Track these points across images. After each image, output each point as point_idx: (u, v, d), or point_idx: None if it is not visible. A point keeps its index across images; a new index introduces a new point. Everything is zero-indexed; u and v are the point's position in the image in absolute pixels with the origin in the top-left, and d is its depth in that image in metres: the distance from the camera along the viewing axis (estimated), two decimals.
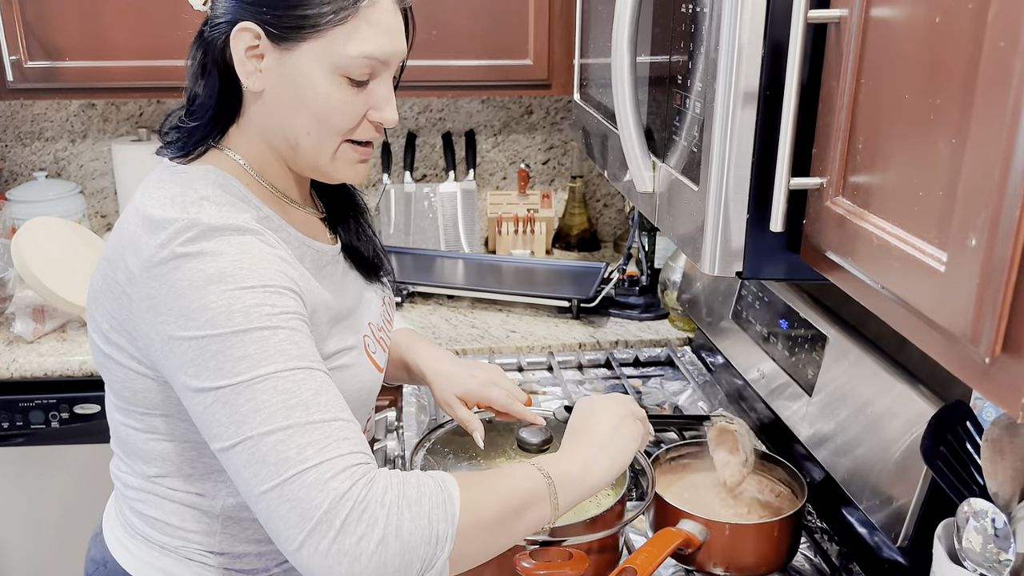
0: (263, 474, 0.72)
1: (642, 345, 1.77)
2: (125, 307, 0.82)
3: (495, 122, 2.31)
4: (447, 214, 2.25)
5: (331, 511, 0.70)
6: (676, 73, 0.94)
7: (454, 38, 1.88)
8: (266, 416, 0.73)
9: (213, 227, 0.79)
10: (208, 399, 0.75)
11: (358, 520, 0.70)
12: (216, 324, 0.75)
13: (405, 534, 0.71)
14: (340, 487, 0.71)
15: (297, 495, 0.71)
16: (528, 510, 0.81)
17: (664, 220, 1.00)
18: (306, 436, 0.73)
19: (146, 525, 0.96)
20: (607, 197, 2.40)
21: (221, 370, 0.75)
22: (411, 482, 0.75)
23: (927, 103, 0.59)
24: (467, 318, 1.89)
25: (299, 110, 0.84)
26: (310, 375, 0.76)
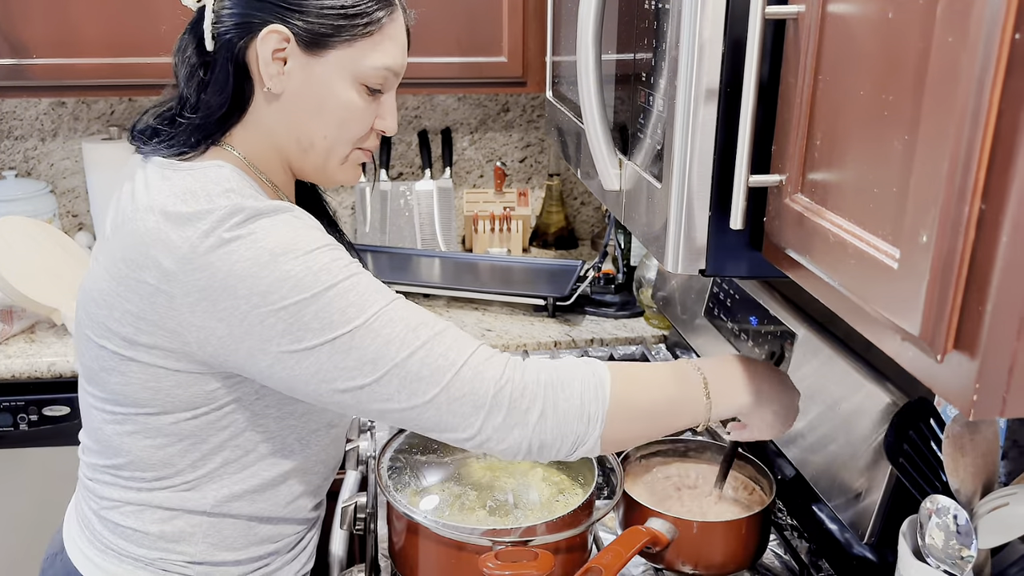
0: (423, 388, 0.79)
1: (617, 343, 1.77)
2: (163, 305, 0.81)
3: (472, 120, 2.30)
4: (423, 212, 2.24)
5: (498, 393, 0.80)
6: (641, 70, 0.93)
7: (428, 35, 1.86)
8: (399, 344, 0.79)
9: (258, 210, 0.80)
10: (323, 353, 0.79)
11: (520, 396, 0.80)
12: (303, 288, 0.78)
13: (561, 410, 0.80)
14: (495, 372, 0.80)
15: (464, 390, 0.79)
16: (678, 411, 0.86)
17: (631, 218, 0.99)
18: (443, 344, 0.80)
19: (120, 538, 0.94)
20: (584, 195, 2.40)
21: (330, 324, 0.78)
22: (563, 367, 0.82)
23: (881, 99, 0.59)
24: (443, 316, 1.87)
25: (320, 114, 0.87)
26: (404, 302, 0.83)
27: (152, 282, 0.81)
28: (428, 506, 1.03)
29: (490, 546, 0.94)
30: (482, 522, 1.01)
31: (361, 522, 1.26)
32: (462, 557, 0.97)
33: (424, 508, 1.02)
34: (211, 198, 0.81)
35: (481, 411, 0.80)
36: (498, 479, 1.10)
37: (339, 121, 0.88)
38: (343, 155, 0.91)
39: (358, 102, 0.88)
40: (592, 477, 1.05)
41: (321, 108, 0.87)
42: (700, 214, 0.81)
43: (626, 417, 0.83)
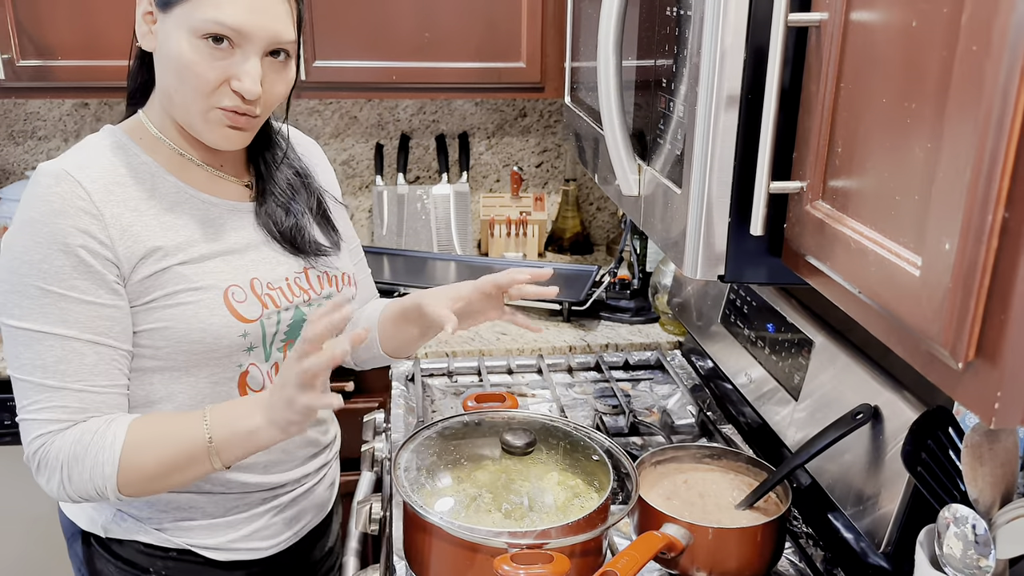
0: (16, 403, 0.95)
1: (632, 348, 1.77)
2: None
3: (489, 124, 2.31)
4: (440, 216, 2.25)
5: (30, 457, 0.95)
6: (661, 76, 0.94)
7: (448, 40, 1.88)
8: (19, 364, 0.93)
9: (43, 172, 0.93)
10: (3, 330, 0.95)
11: (44, 467, 0.94)
12: (11, 268, 0.92)
13: (75, 481, 0.94)
14: (34, 444, 0.94)
15: (22, 430, 0.95)
16: (188, 467, 0.95)
17: (649, 223, 1.00)
18: (36, 395, 0.93)
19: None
20: (600, 201, 2.40)
21: (3, 307, 0.93)
22: (83, 443, 0.93)
23: (903, 107, 0.59)
24: None
25: (167, 68, 0.95)
26: (60, 343, 0.92)
27: None
28: (443, 507, 1.04)
29: (505, 548, 0.94)
30: (497, 524, 1.01)
31: (376, 523, 1.26)
32: (477, 559, 0.97)
33: (439, 509, 1.03)
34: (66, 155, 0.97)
35: (27, 454, 0.96)
36: (513, 482, 1.10)
37: (177, 72, 0.94)
38: (200, 111, 0.95)
39: (191, 55, 0.93)
40: (608, 481, 1.05)
41: (168, 61, 0.95)
42: (720, 220, 0.81)
43: (138, 478, 0.94)
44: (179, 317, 0.97)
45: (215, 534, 1.09)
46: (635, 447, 1.41)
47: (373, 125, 2.27)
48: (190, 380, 1.02)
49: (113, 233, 0.93)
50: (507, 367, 1.69)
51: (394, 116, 2.27)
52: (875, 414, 1.02)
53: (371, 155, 2.30)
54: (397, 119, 2.28)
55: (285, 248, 1.08)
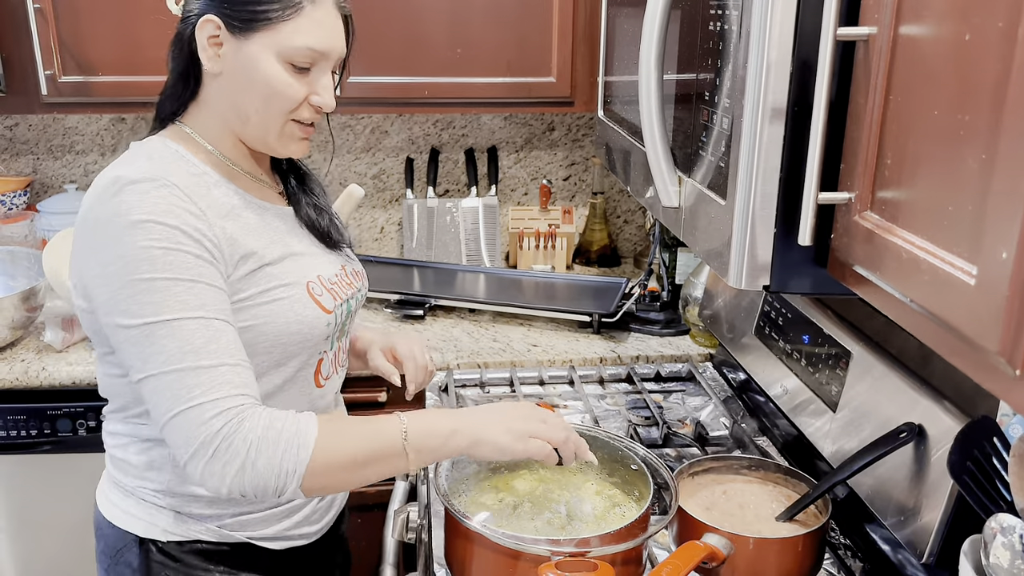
0: (162, 405, 0.91)
1: (663, 360, 1.77)
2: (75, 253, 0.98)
3: (517, 138, 2.33)
4: (469, 229, 2.27)
5: (206, 442, 0.90)
6: (703, 89, 0.95)
7: (478, 56, 1.90)
8: (165, 358, 0.90)
9: (132, 180, 0.93)
10: (119, 335, 0.93)
11: (224, 451, 0.90)
12: (128, 269, 0.90)
13: (260, 467, 0.91)
14: (214, 425, 0.90)
15: (184, 425, 0.90)
16: (379, 461, 0.95)
17: (689, 234, 1.01)
18: (195, 378, 0.90)
19: (116, 469, 1.10)
20: (627, 213, 2.42)
21: (128, 311, 0.91)
22: (275, 426, 0.92)
23: (956, 119, 0.60)
24: (488, 331, 1.90)
25: (249, 90, 0.99)
26: (204, 324, 0.92)
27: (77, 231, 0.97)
28: (484, 516, 1.05)
29: (548, 556, 0.95)
30: (540, 533, 1.02)
31: (413, 531, 1.28)
32: (519, 566, 0.98)
33: (480, 517, 1.04)
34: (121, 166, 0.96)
35: (190, 448, 0.91)
36: (551, 491, 1.11)
37: (265, 95, 0.99)
38: (279, 127, 1.02)
39: (283, 77, 0.99)
40: (648, 491, 1.06)
41: (250, 84, 0.99)
42: (764, 230, 0.82)
43: (328, 467, 0.93)
44: (277, 312, 1.01)
45: (272, 524, 1.12)
46: (669, 459, 1.41)
47: (404, 139, 2.30)
48: (279, 371, 1.06)
49: (217, 233, 0.96)
50: (539, 378, 1.70)
51: (424, 130, 2.30)
52: (919, 432, 1.02)
53: (401, 169, 2.33)
54: (427, 133, 2.30)
55: (325, 246, 1.15)
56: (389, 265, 2.20)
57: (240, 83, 0.99)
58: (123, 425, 1.08)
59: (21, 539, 1.81)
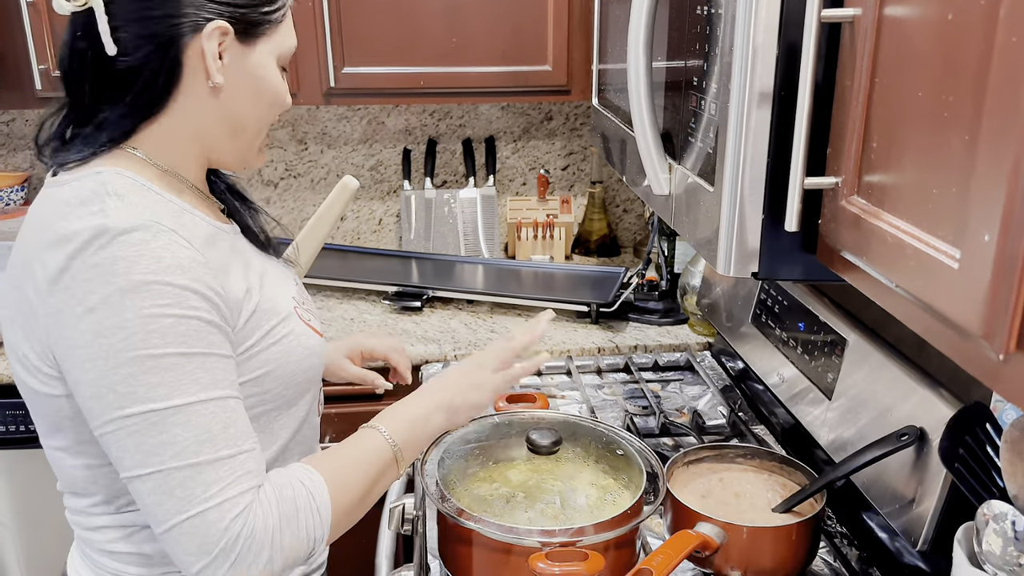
0: (169, 506, 0.77)
1: (661, 350, 1.77)
2: (33, 324, 0.81)
3: (515, 128, 2.32)
4: (467, 220, 2.26)
5: (227, 549, 0.78)
6: (692, 75, 0.94)
7: (474, 45, 1.89)
8: (178, 450, 0.77)
9: (123, 230, 0.78)
10: (115, 423, 0.77)
11: (247, 551, 0.79)
12: (129, 345, 0.75)
13: (287, 548, 0.82)
14: (234, 528, 0.78)
15: (199, 530, 0.77)
16: (382, 480, 0.92)
17: (681, 222, 1.00)
18: (213, 473, 0.78)
19: (122, 563, 0.92)
20: (627, 203, 2.40)
21: (132, 395, 0.76)
22: (287, 498, 0.83)
23: (941, 101, 0.59)
24: (486, 323, 1.90)
25: (257, 99, 0.90)
26: (221, 406, 0.79)
27: (30, 299, 0.80)
28: (478, 507, 1.05)
29: (540, 547, 0.95)
30: (534, 523, 1.01)
31: (409, 523, 1.27)
32: (511, 558, 0.98)
33: (474, 509, 1.04)
34: (90, 213, 0.79)
35: (205, 558, 0.78)
36: (545, 481, 1.11)
37: (270, 103, 0.92)
38: (264, 135, 0.95)
39: (281, 82, 0.93)
40: (641, 480, 1.06)
41: (258, 93, 0.90)
42: (753, 217, 0.81)
43: (346, 514, 0.88)
44: (286, 351, 0.92)
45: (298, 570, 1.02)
46: (666, 448, 1.41)
47: (400, 130, 2.29)
48: (291, 414, 0.97)
49: (220, 279, 0.84)
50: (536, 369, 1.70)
51: (421, 121, 2.29)
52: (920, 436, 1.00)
53: (399, 160, 2.32)
54: (424, 124, 2.30)
55: (267, 253, 1.03)
56: (387, 257, 2.20)
57: (246, 94, 0.89)
58: (109, 518, 0.91)
59: (24, 534, 1.82)
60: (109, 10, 0.83)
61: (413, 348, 1.75)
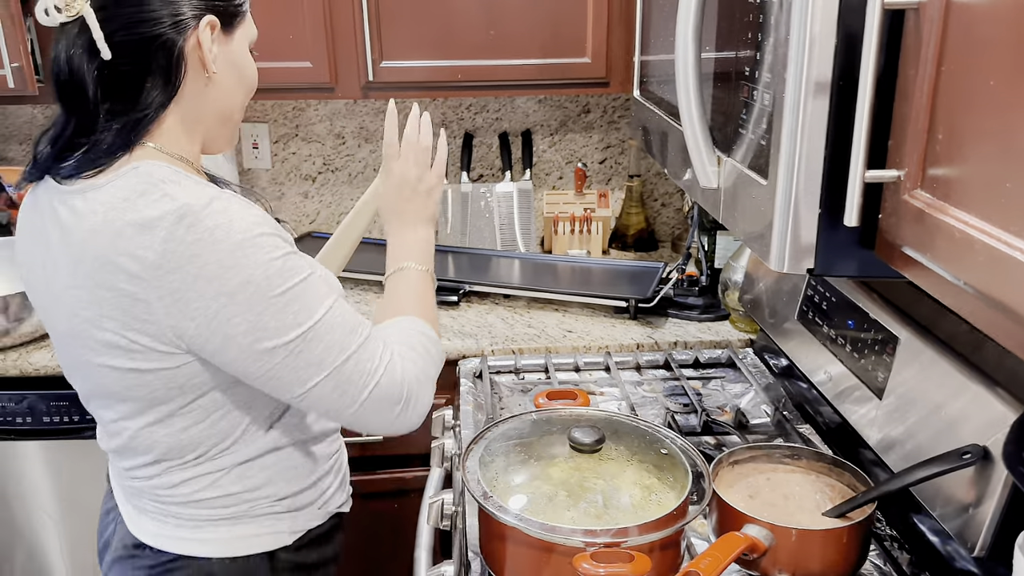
0: (352, 390, 0.93)
1: (702, 346, 1.74)
2: (141, 312, 0.87)
3: (552, 121, 2.30)
4: (503, 214, 2.25)
5: (407, 394, 0.98)
6: (743, 66, 0.92)
7: (512, 38, 1.88)
8: (338, 349, 0.91)
9: (202, 204, 0.85)
10: (277, 355, 0.88)
11: (417, 389, 1.00)
12: (263, 292, 0.86)
13: (433, 377, 1.05)
14: (402, 377, 0.97)
15: (383, 393, 0.95)
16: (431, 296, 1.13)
17: (729, 216, 0.98)
18: (368, 350, 0.94)
19: (208, 508, 1.02)
20: (665, 196, 2.37)
21: (283, 327, 0.87)
22: (416, 343, 1.03)
23: (1015, 89, 0.56)
24: (523, 317, 1.88)
25: (240, 85, 0.98)
26: (341, 305, 0.94)
27: (129, 292, 0.86)
28: (518, 505, 1.04)
29: (583, 547, 0.93)
30: (576, 523, 1.00)
31: (447, 519, 1.27)
32: (554, 557, 0.96)
33: (515, 507, 1.02)
34: (157, 201, 0.85)
35: (396, 407, 0.97)
36: (587, 479, 1.09)
37: (249, 86, 1.00)
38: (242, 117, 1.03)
39: (254, 65, 1.01)
40: (686, 480, 1.04)
41: (241, 79, 0.98)
42: (808, 211, 0.79)
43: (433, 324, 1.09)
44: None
45: (344, 488, 1.19)
46: (708, 446, 1.39)
47: (436, 124, 2.29)
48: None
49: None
50: (574, 364, 1.68)
51: (457, 115, 2.28)
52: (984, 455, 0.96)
53: None
54: (460, 118, 2.29)
55: None
56: None
57: (232, 80, 0.97)
58: (213, 463, 1.00)
59: (68, 524, 1.85)
60: (102, 16, 0.86)
61: (450, 343, 1.75)
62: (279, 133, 2.26)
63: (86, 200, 0.89)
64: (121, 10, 0.87)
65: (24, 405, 1.75)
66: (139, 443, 0.99)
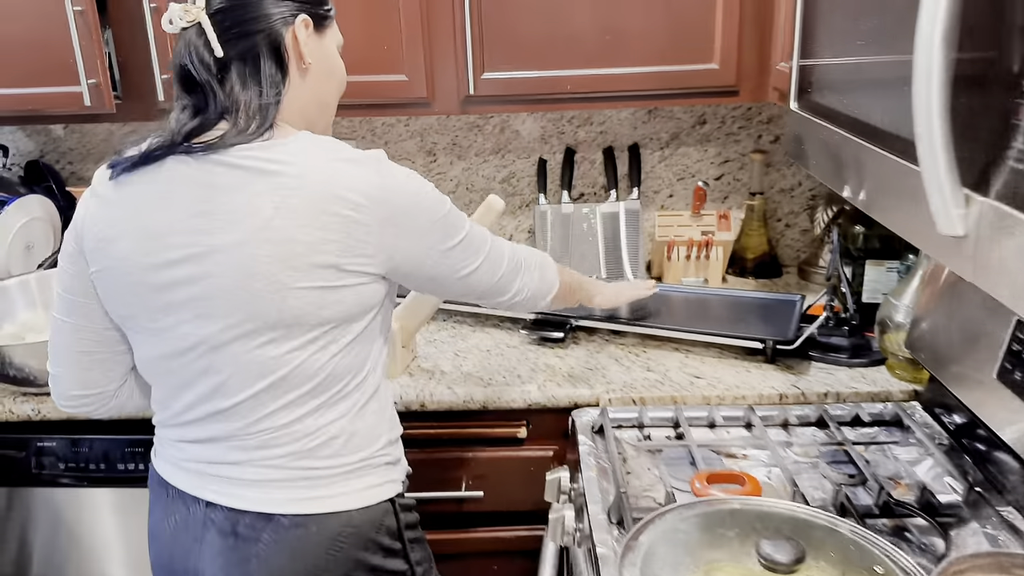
0: (503, 263, 1.20)
1: (859, 399, 1.49)
2: (361, 232, 1.01)
3: (662, 134, 2.07)
4: (608, 237, 2.03)
5: (536, 263, 1.28)
6: (1010, 74, 0.68)
7: (628, 43, 1.66)
8: (487, 242, 1.17)
9: (384, 156, 1.06)
10: (459, 248, 1.12)
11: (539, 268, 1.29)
12: (441, 205, 1.09)
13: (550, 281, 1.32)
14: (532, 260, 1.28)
15: (532, 261, 1.27)
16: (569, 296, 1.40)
17: (983, 272, 0.74)
18: (502, 243, 1.21)
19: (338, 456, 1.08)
20: (789, 216, 2.12)
21: (458, 226, 1.12)
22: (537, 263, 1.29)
23: None
24: (640, 358, 1.66)
25: (331, 77, 1.13)
26: (496, 240, 1.21)
27: (350, 214, 0.99)
28: None
29: None
30: None
31: None
32: None
33: None
34: (351, 153, 1.03)
35: (533, 271, 1.27)
36: None
37: (340, 81, 1.16)
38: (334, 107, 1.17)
39: (344, 66, 1.16)
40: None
41: (332, 72, 1.13)
42: None
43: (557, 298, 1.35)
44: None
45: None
46: (885, 532, 1.14)
47: (535, 139, 2.09)
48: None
49: None
50: (709, 419, 1.45)
51: (558, 128, 2.08)
52: None
53: (533, 171, 2.11)
54: (561, 131, 2.08)
55: None
56: None
57: (323, 75, 1.11)
58: (349, 401, 1.08)
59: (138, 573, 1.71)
60: (215, 19, 1.02)
61: (560, 389, 1.54)
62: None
63: (285, 148, 1.00)
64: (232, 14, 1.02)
65: (98, 450, 1.62)
66: (303, 371, 1.04)
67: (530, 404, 1.54)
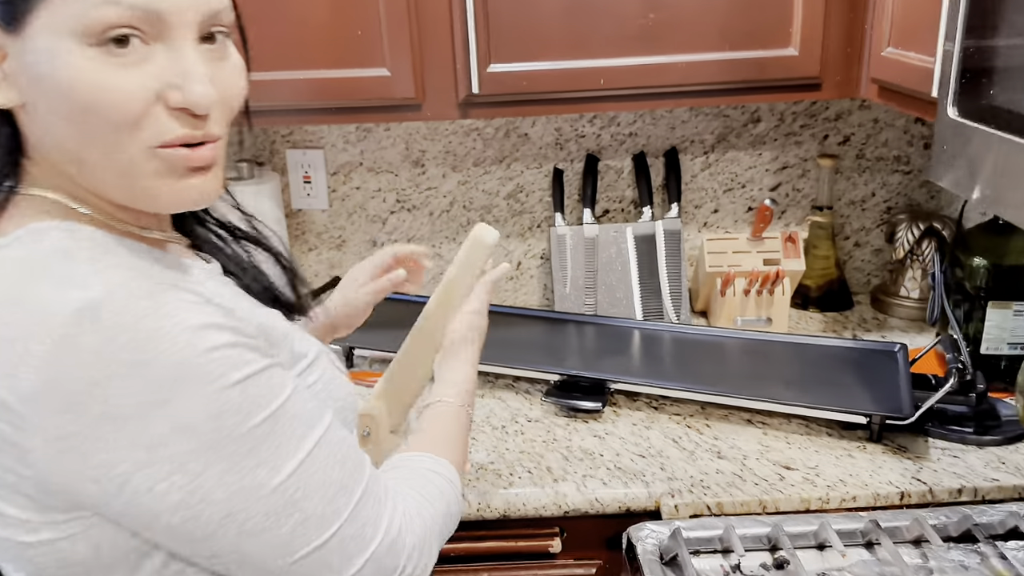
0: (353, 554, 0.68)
1: (1001, 494, 1.12)
2: (14, 462, 0.59)
3: (706, 135, 1.68)
4: (643, 264, 1.64)
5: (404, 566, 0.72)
6: None
7: (680, 24, 1.27)
8: (315, 524, 0.65)
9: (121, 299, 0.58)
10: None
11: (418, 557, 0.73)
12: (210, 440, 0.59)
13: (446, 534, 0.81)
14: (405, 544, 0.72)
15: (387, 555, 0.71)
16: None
17: None
18: (360, 517, 0.68)
19: None
20: (860, 233, 1.74)
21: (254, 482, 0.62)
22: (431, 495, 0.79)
23: None
24: (704, 436, 1.28)
25: (59, 109, 0.61)
26: (325, 437, 0.67)
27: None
28: None
29: None
30: None
31: None
32: None
33: None
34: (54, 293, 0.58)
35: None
36: None
37: (82, 108, 0.60)
38: (134, 165, 0.62)
39: (95, 71, 0.60)
40: None
41: (57, 99, 0.60)
42: None
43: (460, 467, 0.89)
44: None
45: None
46: None
47: (549, 144, 1.69)
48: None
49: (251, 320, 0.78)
50: (814, 536, 1.07)
51: (577, 130, 1.68)
52: None
53: (546, 184, 1.71)
54: (581, 134, 1.68)
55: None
56: (532, 320, 1.59)
57: (47, 106, 0.61)
58: None
59: None
60: None
61: (606, 488, 1.16)
62: (338, 162, 1.69)
63: None
64: None
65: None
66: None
67: (567, 511, 1.16)
